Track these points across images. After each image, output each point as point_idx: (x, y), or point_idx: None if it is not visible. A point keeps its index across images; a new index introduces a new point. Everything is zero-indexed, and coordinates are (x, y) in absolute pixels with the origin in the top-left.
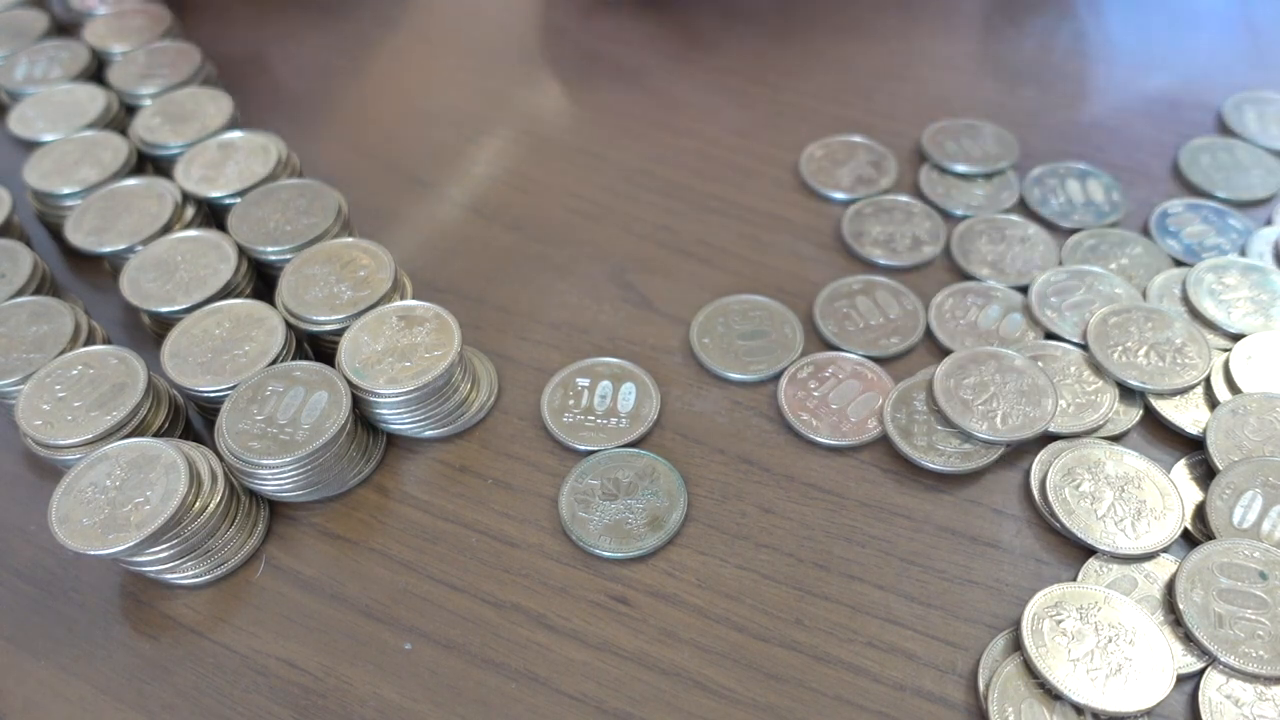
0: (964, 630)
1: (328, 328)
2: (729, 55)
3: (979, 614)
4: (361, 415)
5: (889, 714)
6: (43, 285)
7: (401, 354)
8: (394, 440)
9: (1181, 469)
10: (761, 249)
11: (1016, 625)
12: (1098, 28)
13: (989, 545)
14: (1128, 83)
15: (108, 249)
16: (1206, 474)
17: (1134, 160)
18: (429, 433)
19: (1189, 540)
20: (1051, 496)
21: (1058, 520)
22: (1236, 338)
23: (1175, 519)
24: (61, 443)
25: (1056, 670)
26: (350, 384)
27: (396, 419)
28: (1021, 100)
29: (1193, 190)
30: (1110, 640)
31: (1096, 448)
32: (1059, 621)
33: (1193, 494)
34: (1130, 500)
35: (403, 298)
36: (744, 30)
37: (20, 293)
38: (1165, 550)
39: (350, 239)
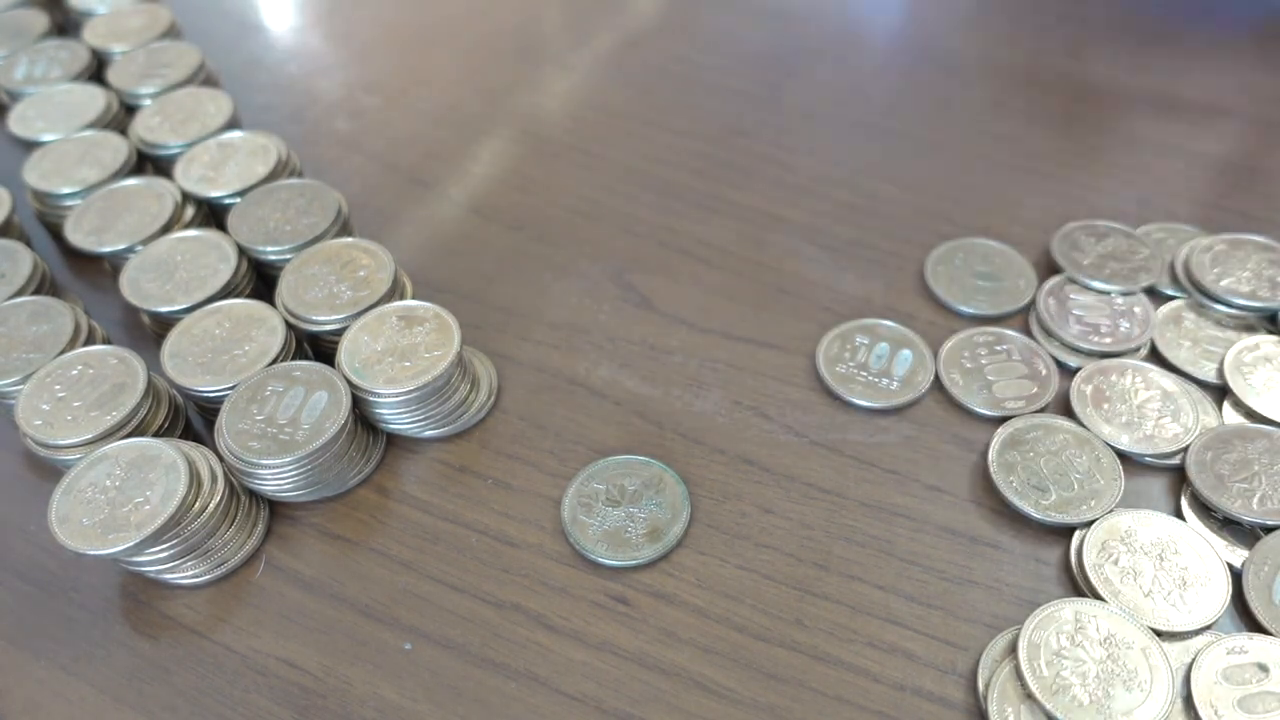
0: (964, 630)
1: (328, 328)
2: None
3: (979, 614)
4: (361, 415)
5: (889, 714)
6: (43, 285)
7: (401, 354)
8: (394, 440)
9: None
10: (761, 249)
11: (1016, 627)
12: None
13: (989, 545)
14: None
15: (108, 249)
16: None
17: None
18: (429, 433)
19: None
20: (1093, 578)
21: (1102, 601)
22: None
23: (1221, 584)
24: (61, 443)
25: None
26: (350, 384)
27: (396, 419)
28: None
29: None
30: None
31: (1124, 515)
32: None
33: None
34: (1172, 569)
35: (403, 298)
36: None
37: (20, 293)
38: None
39: (350, 239)
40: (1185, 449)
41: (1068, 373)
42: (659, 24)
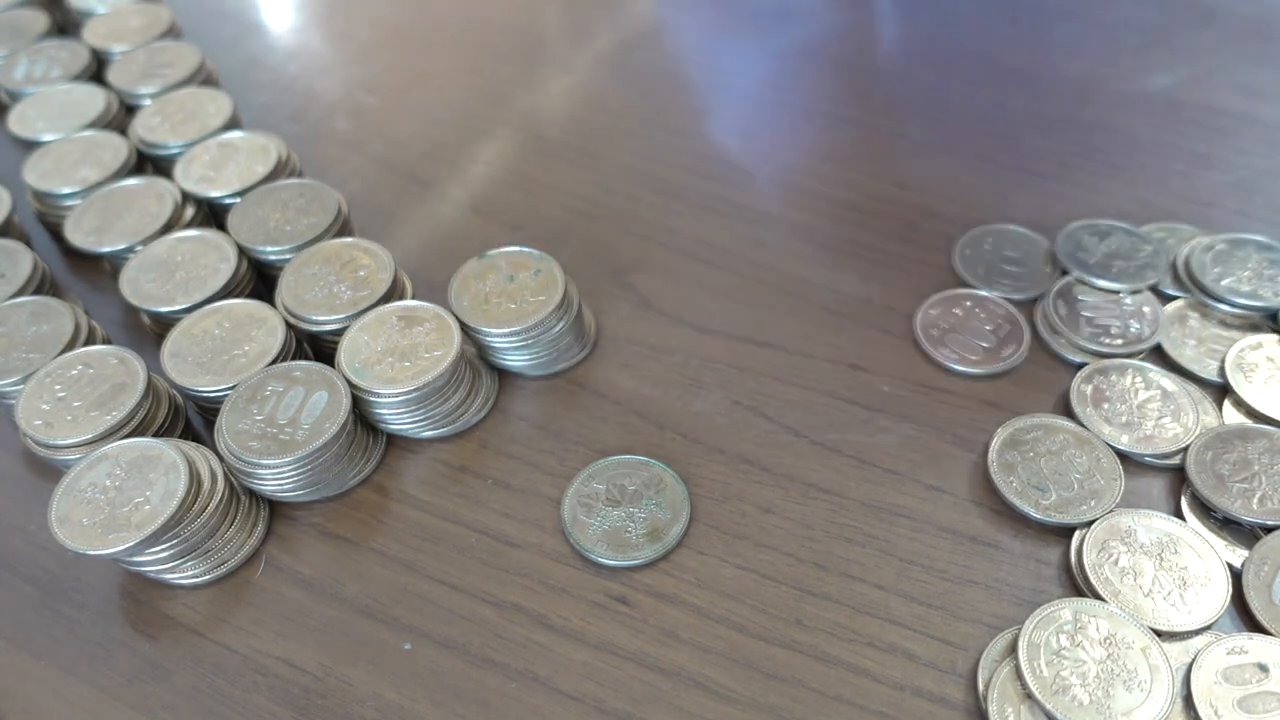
0: (964, 630)
1: (328, 328)
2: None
3: (979, 614)
4: (361, 415)
5: (889, 714)
6: (43, 285)
7: (401, 354)
8: (394, 440)
9: None
10: (761, 249)
11: (1016, 627)
12: None
13: (989, 545)
14: None
15: (108, 249)
16: None
17: None
18: (429, 433)
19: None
20: (1093, 578)
21: (1102, 601)
22: None
23: (1221, 584)
24: (61, 443)
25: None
26: (350, 384)
27: (396, 419)
28: None
29: None
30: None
31: (1124, 515)
32: (1059, 635)
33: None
34: (1172, 569)
35: (403, 298)
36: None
37: (20, 293)
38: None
39: (350, 239)
40: (1185, 449)
41: (1072, 369)
42: (658, 24)
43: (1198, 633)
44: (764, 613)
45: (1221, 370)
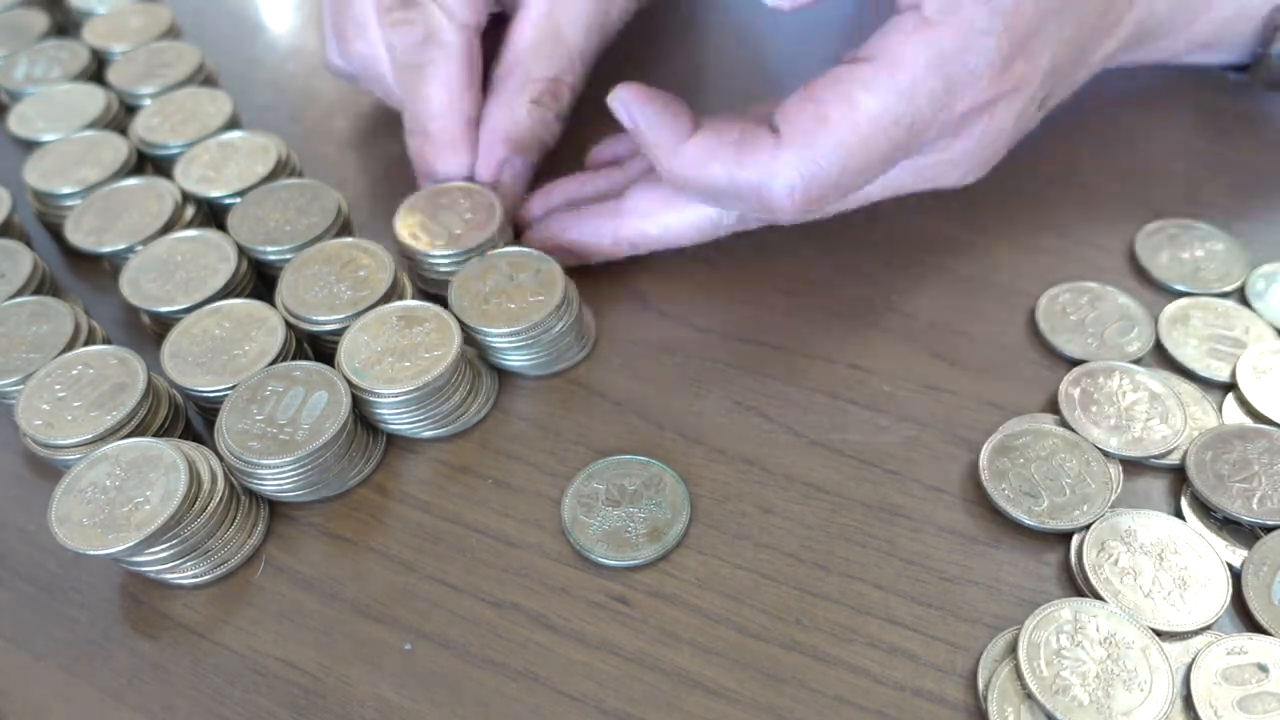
0: (964, 630)
1: (328, 328)
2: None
3: (979, 614)
4: (361, 415)
5: (889, 714)
6: (43, 285)
7: (401, 354)
8: (394, 440)
9: None
10: (761, 249)
11: (1016, 627)
12: None
13: (989, 545)
14: None
15: (108, 249)
16: None
17: None
18: (428, 433)
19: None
20: (1093, 578)
21: (1102, 601)
22: None
23: (1221, 584)
24: (61, 443)
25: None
26: (350, 384)
27: (396, 419)
28: None
29: None
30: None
31: (1124, 515)
32: (1059, 634)
33: None
34: (1172, 569)
35: (402, 298)
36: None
37: (20, 293)
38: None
39: (350, 239)
40: (1174, 449)
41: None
42: (659, 21)
43: (1197, 633)
44: (764, 613)
45: (1233, 371)
